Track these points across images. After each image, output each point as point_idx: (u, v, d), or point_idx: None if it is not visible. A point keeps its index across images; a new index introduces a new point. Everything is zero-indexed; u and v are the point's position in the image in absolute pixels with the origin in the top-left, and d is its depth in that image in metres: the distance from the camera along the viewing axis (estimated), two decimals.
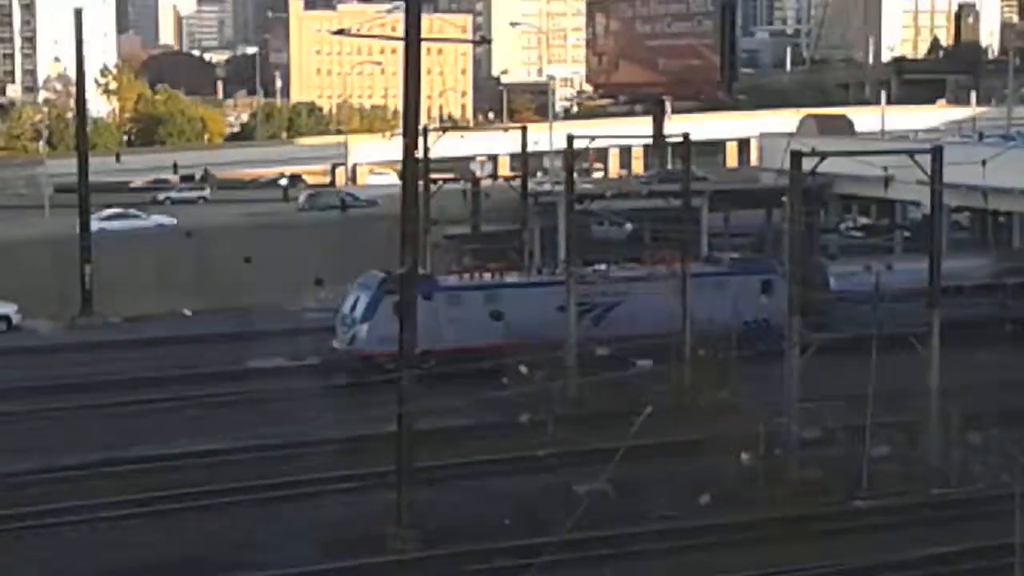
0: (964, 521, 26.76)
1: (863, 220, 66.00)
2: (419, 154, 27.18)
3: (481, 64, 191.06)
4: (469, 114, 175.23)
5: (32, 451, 30.71)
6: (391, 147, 69.61)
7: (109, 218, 62.74)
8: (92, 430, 33.25)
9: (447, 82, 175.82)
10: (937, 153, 31.75)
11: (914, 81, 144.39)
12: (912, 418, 30.75)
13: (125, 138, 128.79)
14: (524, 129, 59.05)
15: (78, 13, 54.51)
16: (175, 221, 63.14)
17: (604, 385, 35.92)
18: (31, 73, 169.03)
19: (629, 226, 57.63)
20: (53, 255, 53.08)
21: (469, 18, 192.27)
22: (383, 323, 39.97)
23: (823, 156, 32.30)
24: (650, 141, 76.06)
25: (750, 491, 28.43)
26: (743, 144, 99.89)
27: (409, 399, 25.93)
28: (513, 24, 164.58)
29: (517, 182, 54.54)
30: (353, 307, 43.45)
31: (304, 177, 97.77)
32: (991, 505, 25.41)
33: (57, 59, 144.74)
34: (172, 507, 27.50)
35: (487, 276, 45.67)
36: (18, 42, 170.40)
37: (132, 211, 64.95)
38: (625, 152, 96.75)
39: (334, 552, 25.28)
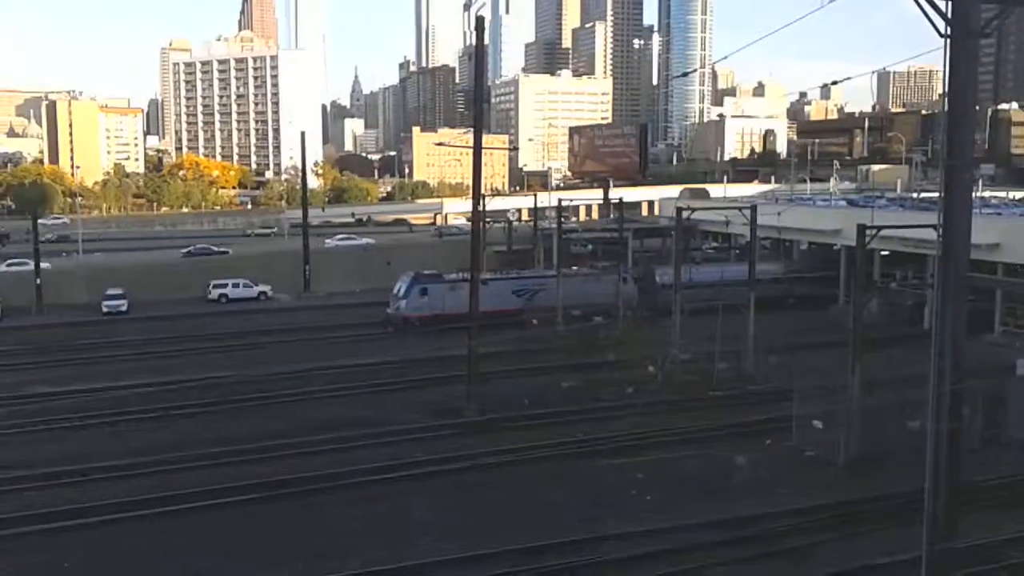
0: (766, 403, 39.48)
1: (715, 244, 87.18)
2: (480, 208, 43.11)
3: (513, 159, 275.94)
4: (506, 186, 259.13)
5: (280, 361, 49.27)
6: (466, 203, 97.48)
7: (340, 238, 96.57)
8: (308, 351, 51.92)
9: (495, 169, 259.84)
10: (753, 208, 48.48)
11: (741, 170, 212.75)
12: (738, 348, 45.70)
13: (326, 199, 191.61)
14: (535, 195, 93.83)
15: (303, 135, 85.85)
16: (371, 241, 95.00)
17: (578, 330, 55.94)
18: (279, 164, 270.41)
19: (590, 247, 78.56)
20: (291, 260, 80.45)
21: (507, 136, 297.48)
22: (414, 299, 61.63)
23: (693, 210, 52.52)
24: (601, 201, 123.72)
25: (654, 387, 43.24)
26: (651, 204, 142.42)
27: (475, 335, 41.42)
28: (530, 139, 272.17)
29: (531, 223, 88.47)
30: (398, 290, 63.24)
31: (412, 221, 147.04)
32: (780, 395, 38.38)
33: (291, 157, 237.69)
34: (351, 392, 43.65)
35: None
36: (271, 148, 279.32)
37: (352, 235, 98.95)
38: (587, 207, 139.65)
39: (432, 416, 39.85)
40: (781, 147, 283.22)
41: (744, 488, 30.72)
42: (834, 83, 38.04)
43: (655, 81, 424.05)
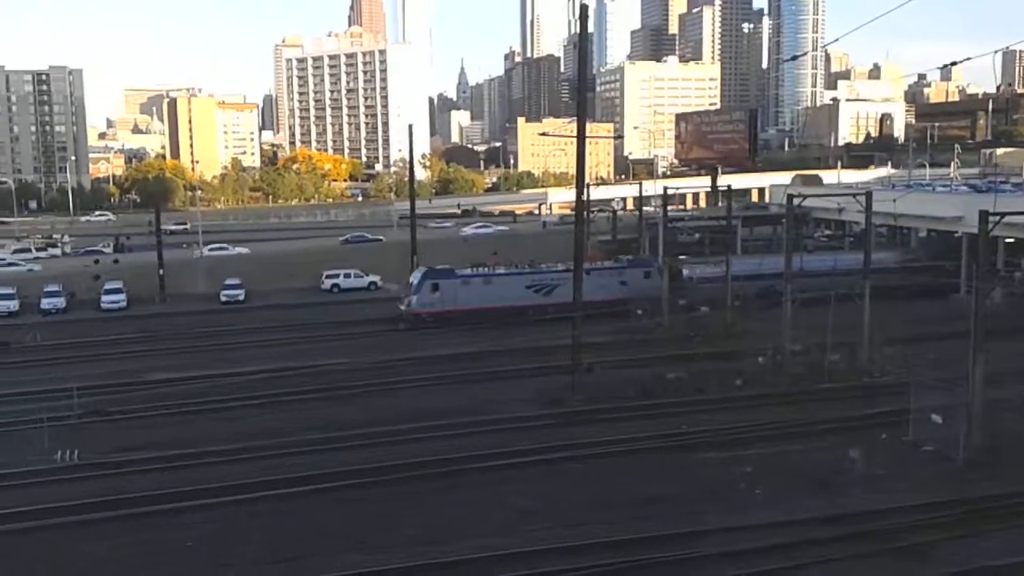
0: (882, 396, 38.33)
1: (828, 232, 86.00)
2: (584, 197, 42.87)
3: (618, 148, 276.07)
4: (611, 175, 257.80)
5: (386, 349, 48.88)
6: (570, 193, 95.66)
7: (477, 226, 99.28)
8: (412, 339, 53.29)
9: (600, 158, 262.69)
10: (868, 195, 46.36)
11: (856, 156, 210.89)
12: (852, 340, 43.81)
13: (433, 191, 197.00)
14: (640, 183, 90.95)
15: (410, 128, 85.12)
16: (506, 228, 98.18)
17: (684, 320, 54.21)
18: (387, 157, 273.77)
19: (697, 235, 74.46)
20: (399, 250, 79.71)
21: (612, 124, 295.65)
22: (425, 295, 59.01)
23: (804, 196, 51.30)
24: (709, 189, 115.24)
25: (763, 378, 42.35)
26: (761, 191, 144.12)
27: (578, 326, 41.19)
28: (635, 127, 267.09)
29: (636, 212, 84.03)
30: (409, 286, 61.08)
31: (517, 211, 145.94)
32: (897, 388, 36.99)
33: (400, 150, 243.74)
34: (455, 380, 44.00)
35: (486, 268, 61.90)
36: (380, 140, 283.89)
37: (486, 224, 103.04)
38: (695, 195, 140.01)
39: (535, 405, 39.71)
40: (898, 131, 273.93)
41: (858, 483, 29.83)
42: (955, 63, 36.12)
43: (765, 65, 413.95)
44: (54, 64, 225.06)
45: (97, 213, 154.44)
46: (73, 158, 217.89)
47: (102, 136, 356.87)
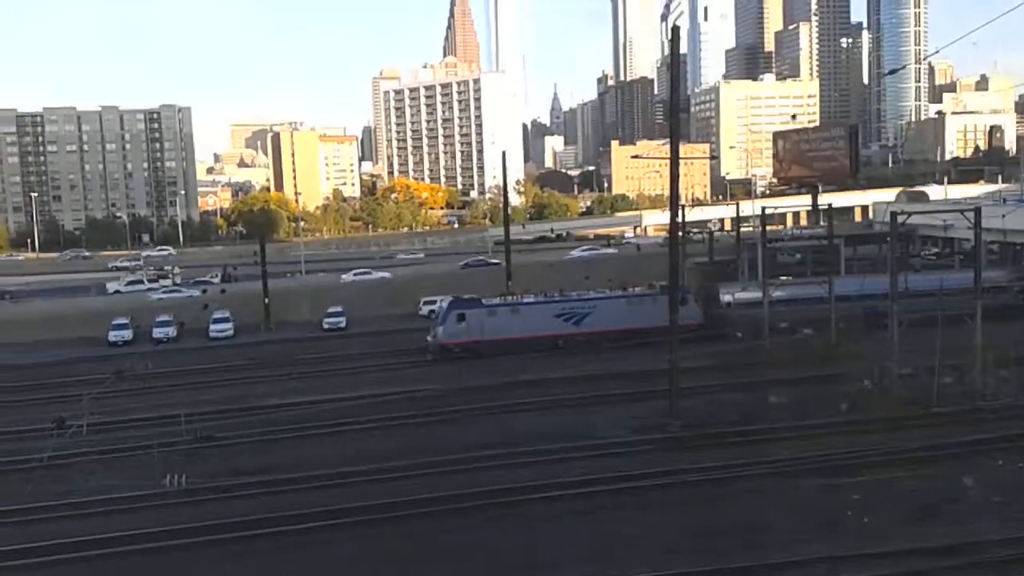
0: (996, 421, 37.00)
1: (935, 250, 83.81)
2: (679, 219, 43.10)
3: (714, 168, 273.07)
4: (708, 196, 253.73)
5: (483, 373, 48.59)
6: (665, 215, 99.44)
7: (583, 250, 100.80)
8: (509, 364, 50.69)
9: (695, 179, 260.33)
10: (977, 211, 44.90)
11: (964, 170, 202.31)
12: (962, 362, 42.01)
13: (527, 216, 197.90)
14: (737, 203, 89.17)
15: (504, 155, 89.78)
16: (614, 251, 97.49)
17: (786, 343, 52.05)
18: (482, 184, 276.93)
19: (798, 256, 73.63)
20: (494, 274, 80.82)
21: (708, 145, 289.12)
22: (451, 325, 57.57)
23: (909, 214, 49.78)
24: (809, 208, 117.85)
25: (870, 403, 40.47)
26: (864, 209, 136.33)
27: (675, 350, 40.31)
28: (731, 147, 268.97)
29: (734, 233, 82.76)
30: (436, 316, 61.03)
31: (612, 234, 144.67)
32: (1013, 412, 36.42)
33: (494, 177, 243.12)
34: (555, 404, 43.40)
35: (511, 298, 60.82)
36: (475, 168, 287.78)
37: (594, 247, 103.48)
38: (795, 215, 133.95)
39: (634, 430, 39.21)
40: (1009, 143, 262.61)
41: (973, 511, 28.60)
42: None
43: (866, 80, 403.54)
44: (164, 103, 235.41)
45: (158, 248, 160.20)
46: (183, 192, 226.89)
47: (210, 171, 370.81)
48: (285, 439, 40.50)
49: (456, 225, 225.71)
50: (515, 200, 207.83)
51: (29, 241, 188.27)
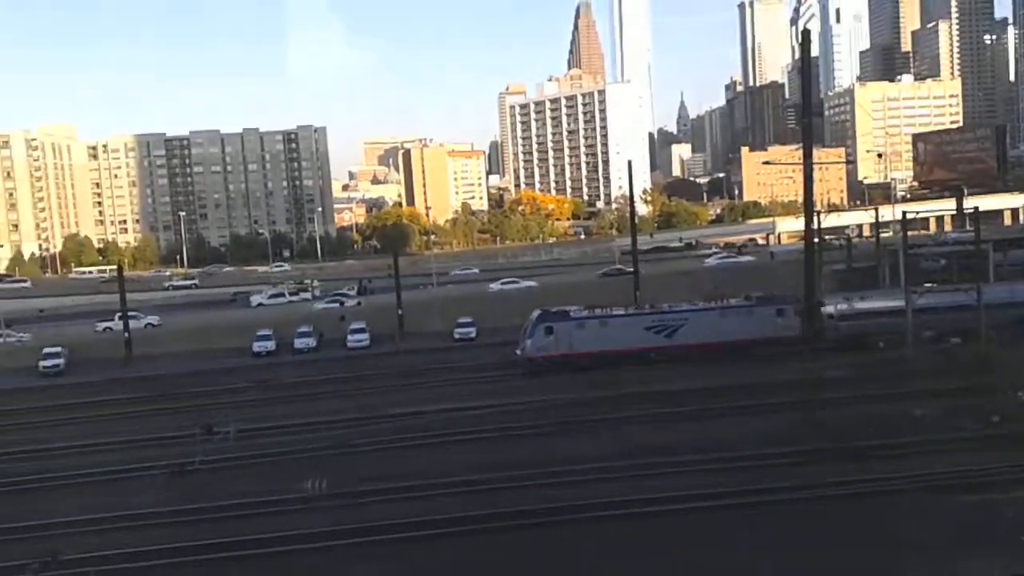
0: None
1: None
2: (815, 225, 43.76)
3: (851, 173, 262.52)
4: (845, 201, 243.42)
5: (609, 384, 47.44)
6: (799, 222, 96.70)
7: (719, 257, 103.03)
8: (635, 374, 49.41)
9: (831, 184, 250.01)
10: None
11: None
12: None
13: (655, 225, 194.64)
14: (876, 208, 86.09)
15: (630, 164, 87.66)
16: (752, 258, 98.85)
17: (933, 352, 50.32)
18: (608, 194, 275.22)
19: (943, 262, 76.82)
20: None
21: (843, 149, 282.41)
22: (539, 339, 56.27)
23: None
24: (954, 212, 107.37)
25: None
26: (1014, 212, 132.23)
27: (812, 361, 42.19)
28: (868, 151, 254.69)
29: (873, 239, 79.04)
30: (524, 330, 58.41)
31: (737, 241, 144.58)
32: None
33: (620, 187, 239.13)
34: (682, 416, 42.65)
35: (599, 311, 58.41)
36: (601, 179, 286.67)
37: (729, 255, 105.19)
38: (938, 219, 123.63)
39: (766, 443, 37.54)
40: None
41: None
42: None
43: (1012, 78, 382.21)
44: (301, 123, 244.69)
45: (275, 264, 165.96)
46: (320, 209, 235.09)
47: (345, 188, 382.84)
48: (415, 446, 41.37)
49: (582, 236, 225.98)
50: (642, 210, 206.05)
51: (178, 257, 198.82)
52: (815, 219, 52.00)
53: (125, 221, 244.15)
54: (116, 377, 63.97)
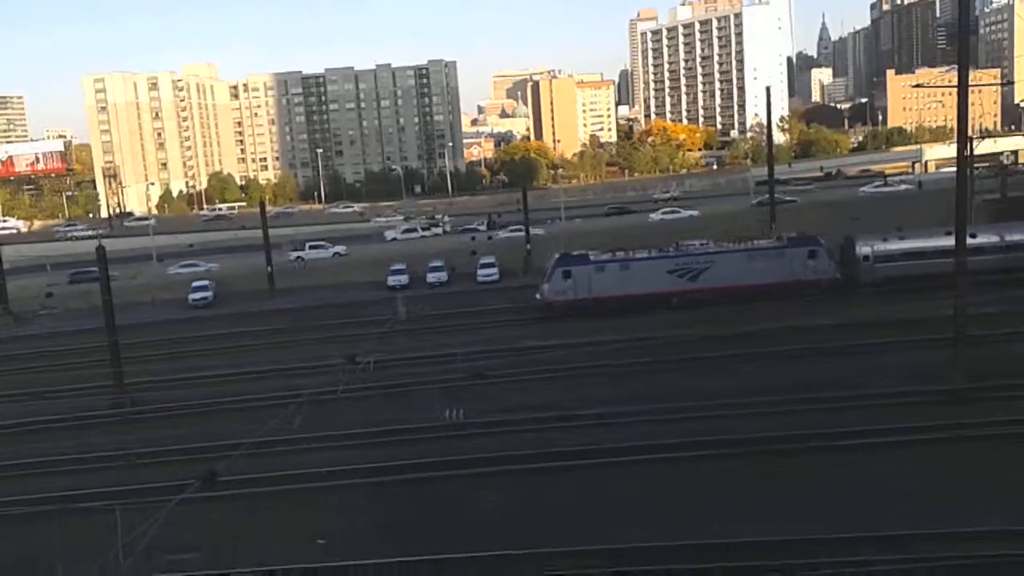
0: None
1: None
2: (967, 153, 37.92)
3: (1006, 95, 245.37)
4: (999, 126, 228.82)
5: (749, 319, 45.89)
6: (949, 149, 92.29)
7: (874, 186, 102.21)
8: (778, 309, 47.16)
9: (984, 108, 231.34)
10: None
11: None
12: None
13: (792, 155, 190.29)
14: None
15: (768, 90, 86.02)
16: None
17: None
18: (743, 123, 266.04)
19: None
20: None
21: (999, 70, 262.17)
22: (557, 283, 55.16)
23: None
24: None
25: None
26: None
27: (963, 295, 35.90)
28: None
29: None
30: (543, 274, 57.61)
31: (887, 170, 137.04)
32: None
33: (756, 115, 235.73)
34: (825, 351, 41.68)
35: (621, 253, 56.57)
36: (736, 107, 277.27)
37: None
38: None
39: (910, 381, 36.93)
40: None
41: None
42: None
43: None
44: (432, 58, 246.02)
45: (343, 205, 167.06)
46: (450, 144, 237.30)
47: (474, 122, 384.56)
48: (546, 379, 42.13)
49: (715, 167, 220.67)
50: (779, 138, 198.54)
51: (316, 194, 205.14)
52: (968, 145, 48.66)
53: (265, 159, 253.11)
54: (262, 309, 67.02)
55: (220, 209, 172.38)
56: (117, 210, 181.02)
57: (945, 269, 49.71)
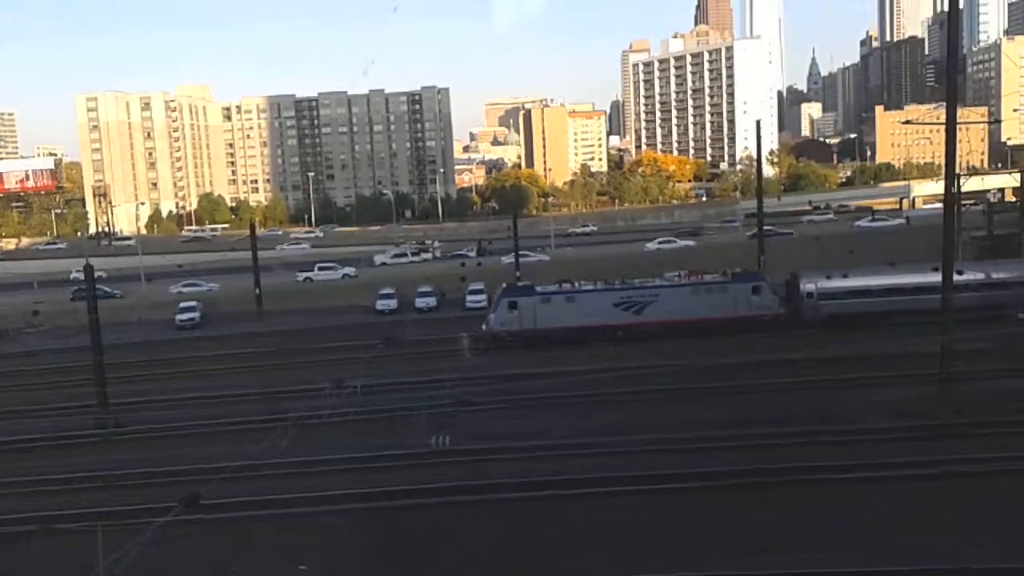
0: None
1: None
2: (955, 190, 39.03)
3: (993, 133, 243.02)
4: (985, 164, 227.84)
5: (728, 351, 45.84)
6: (937, 185, 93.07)
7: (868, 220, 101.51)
8: (754, 342, 47.53)
9: (972, 145, 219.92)
10: None
11: None
12: None
13: (781, 188, 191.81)
14: (1022, 172, 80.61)
15: (758, 124, 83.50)
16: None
17: None
18: (732, 155, 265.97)
19: None
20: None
21: (986, 108, 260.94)
22: (502, 314, 55.64)
23: None
24: None
25: None
26: None
27: (948, 331, 37.45)
28: (1014, 110, 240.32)
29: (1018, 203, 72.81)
30: (489, 305, 59.33)
31: (875, 206, 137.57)
32: None
33: (746, 148, 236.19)
34: (804, 386, 41.09)
35: (568, 285, 57.32)
36: (726, 139, 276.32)
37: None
38: None
39: (897, 416, 36.91)
40: None
41: None
42: None
43: None
44: (425, 85, 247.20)
45: (306, 231, 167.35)
46: (441, 170, 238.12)
47: (466, 149, 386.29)
48: (533, 407, 42.18)
49: (704, 198, 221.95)
50: (768, 171, 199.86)
51: (306, 216, 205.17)
52: (956, 182, 49.24)
53: (256, 181, 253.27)
54: (249, 331, 66.77)
55: (201, 231, 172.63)
56: (105, 229, 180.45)
57: (888, 307, 50.97)
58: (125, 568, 22.30)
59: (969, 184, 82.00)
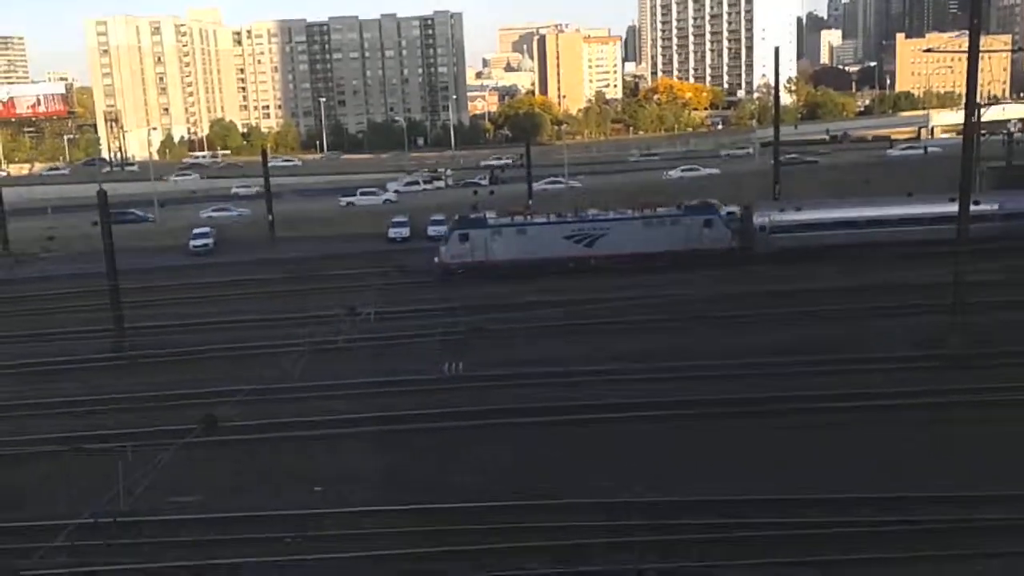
0: None
1: None
2: (975, 118, 38.34)
3: (1016, 62, 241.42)
4: (1007, 93, 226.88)
5: (752, 280, 47.14)
6: (956, 115, 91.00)
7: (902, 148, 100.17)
8: (775, 271, 47.39)
9: (993, 75, 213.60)
10: None
11: None
12: None
13: (799, 116, 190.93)
14: None
15: (776, 51, 79.01)
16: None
17: None
18: (750, 83, 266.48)
19: None
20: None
21: (1009, 36, 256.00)
22: (453, 246, 55.03)
23: None
24: None
25: None
26: None
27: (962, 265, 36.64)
28: None
29: None
30: (441, 236, 58.38)
31: (893, 135, 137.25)
32: None
33: (763, 75, 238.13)
34: (828, 315, 41.73)
35: (520, 217, 56.71)
36: (743, 66, 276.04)
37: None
38: None
39: (910, 346, 37.17)
40: None
41: None
42: None
43: None
44: (438, 9, 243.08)
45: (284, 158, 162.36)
46: (454, 97, 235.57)
47: (478, 75, 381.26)
48: (544, 336, 42.22)
49: (720, 127, 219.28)
50: (786, 99, 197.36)
51: (317, 143, 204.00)
52: (976, 112, 48.43)
53: (268, 106, 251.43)
54: (262, 258, 66.97)
55: (198, 158, 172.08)
56: (117, 154, 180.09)
57: (840, 240, 50.40)
58: (149, 483, 22.84)
59: (989, 114, 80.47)
